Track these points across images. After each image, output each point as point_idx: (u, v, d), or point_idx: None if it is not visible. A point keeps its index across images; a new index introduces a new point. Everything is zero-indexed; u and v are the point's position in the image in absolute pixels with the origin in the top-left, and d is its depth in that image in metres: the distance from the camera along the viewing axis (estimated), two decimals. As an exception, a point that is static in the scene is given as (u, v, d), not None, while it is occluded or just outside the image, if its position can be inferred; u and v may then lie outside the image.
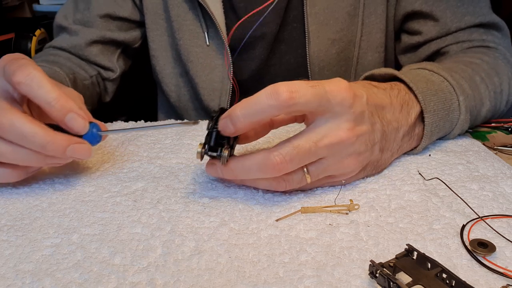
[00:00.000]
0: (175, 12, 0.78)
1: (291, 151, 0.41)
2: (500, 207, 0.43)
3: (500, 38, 0.72)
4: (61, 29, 0.83)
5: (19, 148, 0.44)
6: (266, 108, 0.40)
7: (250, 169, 0.43)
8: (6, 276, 0.36)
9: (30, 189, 0.49)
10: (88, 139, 0.46)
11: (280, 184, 0.44)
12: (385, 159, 0.50)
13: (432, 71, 0.56)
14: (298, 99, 0.39)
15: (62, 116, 0.45)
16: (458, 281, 0.32)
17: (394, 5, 0.76)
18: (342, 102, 0.41)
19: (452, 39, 0.72)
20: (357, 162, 0.45)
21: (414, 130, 0.52)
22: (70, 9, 0.83)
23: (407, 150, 0.54)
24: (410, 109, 0.51)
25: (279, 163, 0.41)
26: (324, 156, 0.43)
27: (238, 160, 0.43)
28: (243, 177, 0.45)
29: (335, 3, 0.73)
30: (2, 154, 0.44)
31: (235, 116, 0.41)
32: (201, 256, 0.38)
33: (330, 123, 0.42)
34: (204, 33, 0.77)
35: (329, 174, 0.45)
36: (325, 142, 0.42)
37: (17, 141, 0.44)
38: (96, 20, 0.80)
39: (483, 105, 0.60)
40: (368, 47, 0.77)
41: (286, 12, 0.76)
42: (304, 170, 0.44)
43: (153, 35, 0.82)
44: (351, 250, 0.38)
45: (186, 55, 0.79)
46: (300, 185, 0.45)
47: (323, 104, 0.41)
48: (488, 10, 0.72)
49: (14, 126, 0.43)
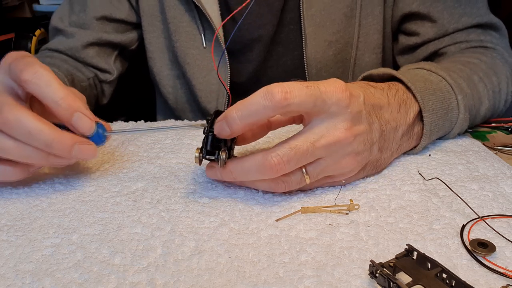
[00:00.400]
0: (171, 14, 0.78)
1: (288, 152, 0.41)
2: (500, 207, 0.43)
3: (498, 38, 0.72)
4: (57, 31, 0.83)
5: (24, 145, 0.44)
6: (261, 109, 0.40)
7: (248, 170, 0.43)
8: (6, 276, 0.36)
9: (30, 189, 0.49)
10: (94, 140, 0.46)
11: (279, 185, 0.44)
12: (384, 159, 0.50)
13: (430, 70, 0.56)
14: (292, 99, 0.39)
15: (69, 116, 0.44)
16: (458, 281, 0.32)
17: (391, 6, 0.76)
18: (338, 102, 0.41)
19: (449, 40, 0.72)
20: (356, 162, 0.45)
21: (413, 129, 0.52)
22: (66, 11, 0.83)
23: (406, 150, 0.54)
24: (408, 109, 0.51)
25: (276, 164, 0.41)
26: (322, 156, 0.43)
27: (236, 162, 0.44)
28: (242, 179, 0.45)
29: (332, 5, 0.73)
30: (6, 150, 0.44)
31: (231, 118, 0.41)
32: (201, 256, 0.38)
33: (327, 123, 0.42)
34: (201, 35, 0.77)
35: (328, 174, 0.45)
36: (322, 142, 0.42)
37: (23, 137, 0.43)
38: (92, 22, 0.80)
39: (482, 104, 0.60)
40: (365, 48, 0.77)
41: (283, 14, 0.76)
42: (302, 171, 0.44)
43: (149, 37, 0.82)
44: (351, 250, 0.38)
45: (182, 57, 0.79)
46: (299, 186, 0.45)
47: (318, 104, 0.41)
48: (485, 11, 0.72)
49: (20, 122, 0.42)
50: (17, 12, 1.83)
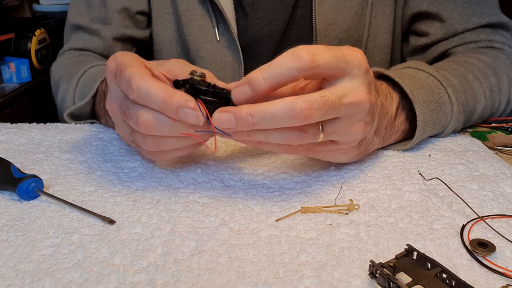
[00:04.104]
0: (183, 7, 0.77)
1: (319, 99, 0.40)
2: (500, 207, 0.43)
3: (509, 38, 0.72)
4: (77, 28, 0.82)
5: (157, 114, 0.43)
6: (288, 70, 0.40)
7: (274, 115, 0.40)
8: (6, 276, 0.36)
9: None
10: (20, 195, 0.46)
11: (295, 135, 0.42)
12: (375, 143, 0.51)
13: (417, 68, 0.57)
14: (318, 60, 0.40)
15: (176, 114, 0.42)
16: (458, 281, 0.32)
17: (402, 5, 0.76)
18: (359, 65, 0.43)
19: (459, 40, 0.72)
20: (363, 130, 0.45)
21: (395, 121, 0.53)
22: (83, 6, 0.82)
23: (391, 142, 0.55)
24: (392, 101, 0.53)
25: (307, 108, 0.40)
26: (341, 115, 0.43)
27: (259, 105, 0.40)
28: (263, 125, 0.41)
29: (343, 2, 0.73)
30: (146, 123, 0.43)
31: (256, 79, 0.41)
32: (201, 256, 0.38)
33: (350, 84, 0.43)
34: (214, 28, 0.77)
35: (337, 138, 0.45)
36: (348, 99, 0.42)
37: (140, 100, 0.43)
38: (115, 16, 0.80)
39: (478, 102, 0.60)
40: (374, 47, 0.77)
41: (294, 10, 0.76)
42: (319, 127, 0.43)
43: (157, 29, 0.82)
44: (351, 250, 0.38)
45: (195, 51, 0.79)
46: (311, 141, 0.43)
47: (342, 65, 0.42)
48: (496, 10, 0.72)
49: (138, 86, 0.42)
50: (17, 12, 1.83)
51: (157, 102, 0.42)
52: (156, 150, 0.47)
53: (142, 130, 0.44)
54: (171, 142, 0.46)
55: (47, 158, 0.55)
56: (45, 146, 0.59)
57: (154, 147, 0.46)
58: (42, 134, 0.62)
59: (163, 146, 0.46)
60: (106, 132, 0.62)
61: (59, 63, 0.81)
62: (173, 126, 0.43)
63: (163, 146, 0.46)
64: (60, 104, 0.76)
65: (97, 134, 0.62)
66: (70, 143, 0.59)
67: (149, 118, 0.43)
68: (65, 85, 0.73)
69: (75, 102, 0.69)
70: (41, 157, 0.55)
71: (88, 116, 0.66)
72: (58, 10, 1.78)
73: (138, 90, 0.42)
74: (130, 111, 0.44)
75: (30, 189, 0.46)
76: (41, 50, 1.56)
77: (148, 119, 0.43)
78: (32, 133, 0.62)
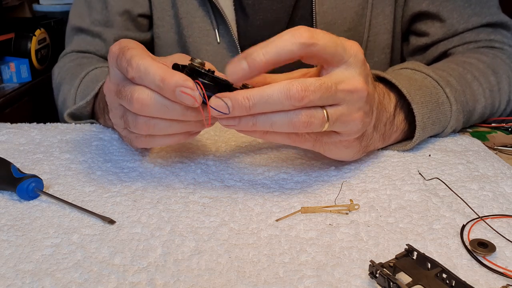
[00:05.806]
0: (184, 9, 0.77)
1: (314, 82, 0.41)
2: (500, 207, 0.43)
3: (509, 38, 0.72)
4: (79, 31, 0.82)
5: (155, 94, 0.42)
6: (288, 45, 0.40)
7: (270, 97, 0.40)
8: (6, 276, 0.36)
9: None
10: (20, 195, 0.46)
11: (301, 118, 0.41)
12: (375, 140, 0.51)
13: (414, 69, 0.58)
14: (318, 40, 0.41)
15: (173, 94, 0.42)
16: (458, 281, 0.32)
17: (402, 5, 0.76)
18: (356, 55, 0.43)
19: (459, 40, 0.72)
20: (363, 121, 0.45)
21: (394, 119, 0.54)
22: (84, 9, 0.82)
23: (391, 142, 0.55)
24: (390, 100, 0.54)
25: (303, 89, 0.40)
26: (340, 102, 0.43)
27: (255, 89, 0.41)
28: (258, 108, 0.41)
29: (344, 3, 0.73)
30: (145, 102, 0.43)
31: (254, 53, 0.41)
32: (201, 256, 0.38)
33: (347, 72, 0.43)
34: (215, 30, 0.77)
35: (341, 127, 0.45)
36: (344, 86, 0.43)
37: (138, 79, 0.42)
38: (116, 19, 0.79)
39: (477, 102, 0.60)
40: (374, 47, 0.77)
41: (294, 11, 0.76)
42: (324, 111, 0.43)
43: (158, 31, 0.82)
44: (351, 250, 0.38)
45: (196, 53, 0.79)
46: (319, 127, 0.43)
47: (339, 51, 0.42)
48: (496, 10, 0.72)
49: (138, 64, 0.42)
50: (17, 12, 1.83)
51: (154, 80, 0.41)
52: (145, 133, 0.46)
53: (135, 108, 0.43)
54: (162, 126, 0.45)
55: (47, 158, 0.55)
56: (45, 146, 0.59)
57: (144, 130, 0.45)
58: (42, 134, 0.62)
59: (153, 129, 0.45)
60: (106, 132, 0.62)
61: (61, 65, 0.81)
62: (167, 106, 0.43)
63: (153, 130, 0.45)
64: (61, 105, 0.76)
65: (97, 134, 0.62)
66: (70, 143, 0.59)
67: (144, 96, 0.43)
68: (67, 87, 0.73)
69: (76, 102, 0.69)
70: (41, 157, 0.55)
71: (88, 116, 0.66)
72: (58, 10, 1.78)
73: (137, 67, 0.42)
74: (125, 89, 0.44)
75: (30, 189, 0.46)
76: (41, 50, 1.56)
77: (142, 97, 0.43)
78: (32, 133, 0.62)
